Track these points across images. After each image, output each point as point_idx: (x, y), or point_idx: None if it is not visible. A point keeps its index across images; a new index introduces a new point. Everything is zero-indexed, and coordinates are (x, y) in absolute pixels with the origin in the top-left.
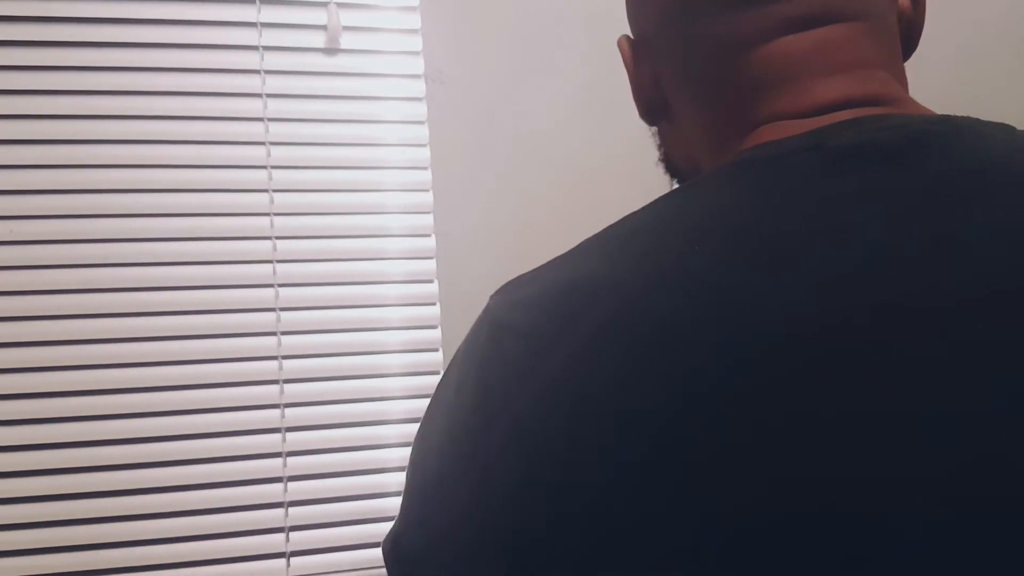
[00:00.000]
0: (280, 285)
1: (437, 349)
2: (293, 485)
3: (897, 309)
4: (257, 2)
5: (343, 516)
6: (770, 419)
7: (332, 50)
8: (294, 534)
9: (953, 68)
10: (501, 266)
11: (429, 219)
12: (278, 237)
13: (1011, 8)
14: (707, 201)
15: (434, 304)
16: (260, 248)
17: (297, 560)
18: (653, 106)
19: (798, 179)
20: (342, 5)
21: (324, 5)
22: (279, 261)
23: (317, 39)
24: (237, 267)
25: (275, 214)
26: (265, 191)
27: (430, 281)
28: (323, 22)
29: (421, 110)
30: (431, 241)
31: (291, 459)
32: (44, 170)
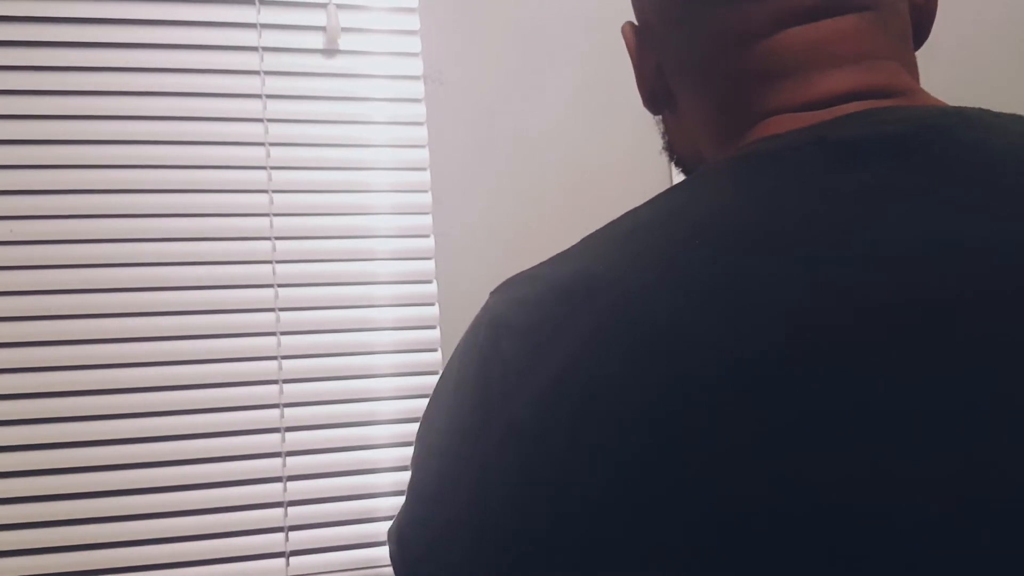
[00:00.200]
0: (279, 285)
1: (436, 349)
2: (292, 485)
3: (900, 307)
4: (257, 3)
5: (341, 516)
6: (770, 418)
7: (331, 51)
8: (293, 534)
9: (952, 67)
10: (500, 266)
11: (428, 220)
12: (277, 238)
13: (1011, 6)
14: (708, 197)
15: (433, 304)
16: (259, 248)
17: (296, 560)
18: (656, 95)
19: (801, 174)
20: (341, 6)
21: (323, 6)
22: (278, 261)
23: (316, 40)
24: (237, 267)
25: (274, 215)
26: (264, 191)
27: (429, 282)
28: (322, 23)
29: (420, 111)
30: (430, 242)
31: (290, 459)
32: (44, 170)
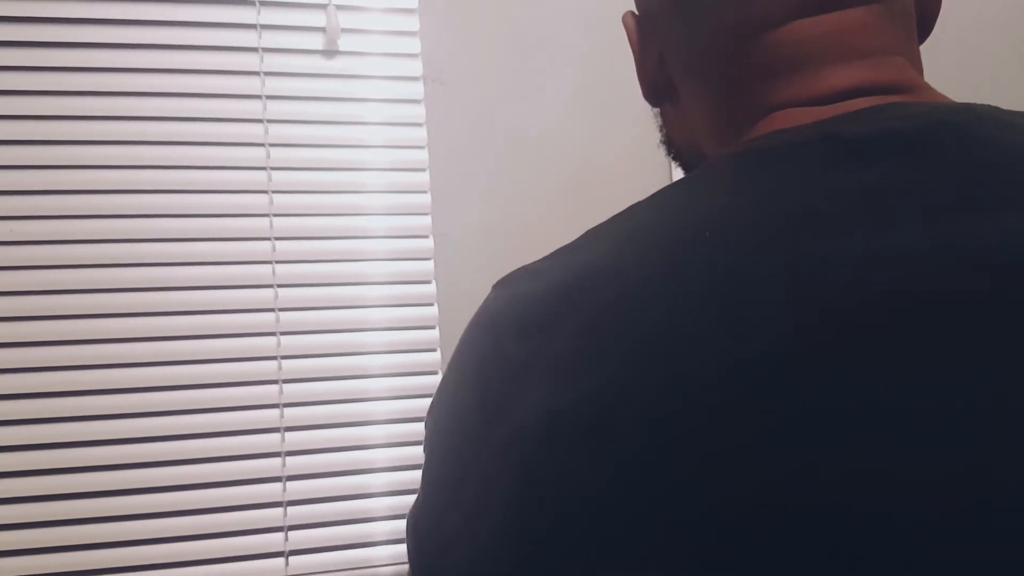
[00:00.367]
0: (279, 286)
1: (435, 349)
2: (292, 484)
3: (901, 307)
4: (257, 4)
5: (339, 515)
6: (770, 418)
7: (331, 52)
8: (293, 533)
9: (952, 66)
10: (499, 267)
11: (427, 220)
12: (277, 238)
13: (1011, 6)
14: (712, 195)
15: (432, 305)
16: (259, 249)
17: (296, 559)
18: (658, 87)
19: (808, 171)
20: (341, 7)
21: (323, 7)
22: (278, 262)
23: (316, 41)
24: (236, 268)
25: (274, 215)
26: (264, 192)
27: (428, 282)
28: (322, 24)
29: (419, 112)
30: (429, 242)
31: (290, 459)
32: (44, 170)
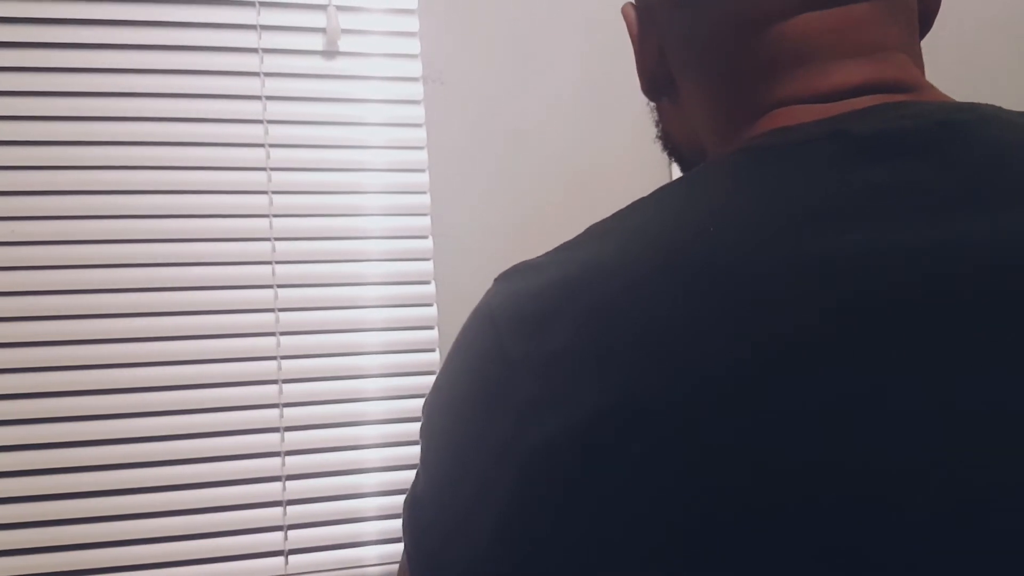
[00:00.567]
0: (279, 286)
1: (434, 349)
2: (291, 484)
3: (903, 307)
4: (257, 5)
5: (339, 515)
6: (770, 418)
7: (331, 53)
8: (292, 532)
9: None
10: (498, 267)
11: (426, 221)
12: (277, 238)
13: (1012, 5)
14: (715, 192)
15: (431, 305)
16: (259, 249)
17: (295, 558)
18: (657, 81)
19: (816, 168)
20: (341, 8)
21: (323, 8)
22: (278, 262)
23: (316, 42)
24: (236, 268)
25: (274, 215)
26: (264, 192)
27: (427, 283)
28: (322, 25)
29: (419, 113)
30: (428, 243)
31: (289, 458)
32: (44, 171)
